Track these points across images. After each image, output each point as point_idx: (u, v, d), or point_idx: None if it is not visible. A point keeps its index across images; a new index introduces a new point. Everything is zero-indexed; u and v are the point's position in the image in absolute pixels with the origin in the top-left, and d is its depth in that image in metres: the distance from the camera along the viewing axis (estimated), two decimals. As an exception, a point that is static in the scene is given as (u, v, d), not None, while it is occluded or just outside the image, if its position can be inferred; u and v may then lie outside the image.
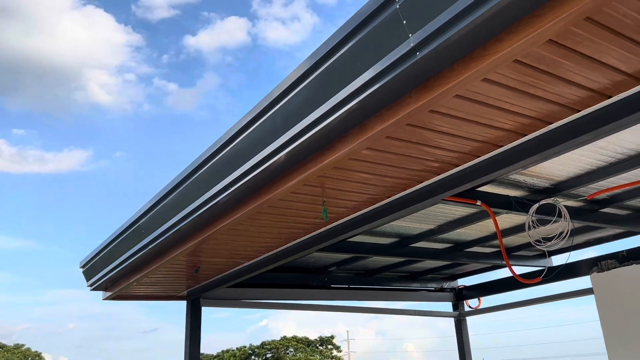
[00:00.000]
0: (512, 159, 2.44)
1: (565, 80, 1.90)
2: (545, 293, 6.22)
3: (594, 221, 4.24)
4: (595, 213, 4.24)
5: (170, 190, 3.28)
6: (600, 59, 1.79)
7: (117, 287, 4.66)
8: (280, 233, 3.60)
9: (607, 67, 1.84)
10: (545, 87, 1.94)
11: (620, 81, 1.94)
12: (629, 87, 1.98)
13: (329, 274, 5.92)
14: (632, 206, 4.39)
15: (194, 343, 4.95)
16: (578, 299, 6.06)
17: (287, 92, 2.34)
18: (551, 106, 2.09)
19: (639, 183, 3.45)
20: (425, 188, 2.87)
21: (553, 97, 2.01)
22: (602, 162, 3.42)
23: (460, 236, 5.07)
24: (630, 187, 3.75)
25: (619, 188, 3.59)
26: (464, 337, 6.78)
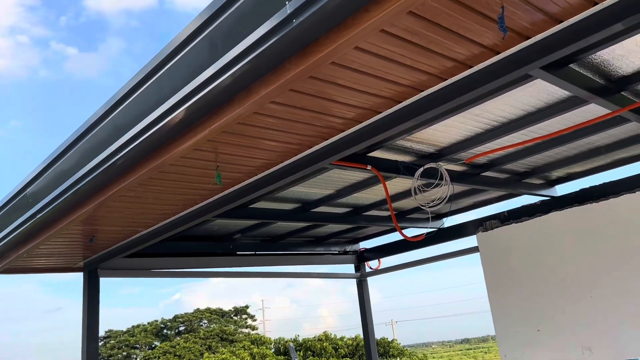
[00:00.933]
0: (390, 124, 2.61)
1: (430, 50, 2.07)
2: (438, 253, 6.71)
3: (476, 184, 4.62)
4: (477, 177, 4.62)
5: (58, 156, 3.16)
6: (458, 32, 1.97)
7: (5, 259, 4.43)
8: (176, 199, 3.60)
9: (465, 40, 2.03)
10: (413, 56, 2.10)
11: (478, 53, 2.14)
12: (487, 58, 2.19)
13: (234, 241, 5.99)
14: (510, 170, 4.82)
15: (92, 316, 4.84)
16: (470, 261, 6.61)
17: (173, 54, 2.34)
18: (421, 75, 2.27)
19: (510, 147, 3.81)
20: (316, 153, 3.00)
21: (421, 66, 2.19)
22: (479, 129, 3.73)
23: (358, 200, 5.32)
24: (504, 152, 4.12)
25: (493, 152, 3.94)
26: (365, 298, 7.17)
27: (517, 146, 3.81)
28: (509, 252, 5.31)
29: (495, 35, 2.04)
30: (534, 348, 5.02)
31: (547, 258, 5.00)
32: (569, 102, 3.34)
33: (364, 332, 7.10)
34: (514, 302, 5.21)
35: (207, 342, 38.61)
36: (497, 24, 1.87)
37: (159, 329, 44.90)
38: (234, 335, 40.53)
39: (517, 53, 2.13)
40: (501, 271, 5.37)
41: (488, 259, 5.53)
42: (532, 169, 4.93)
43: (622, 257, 4.46)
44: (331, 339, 22.19)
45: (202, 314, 44.80)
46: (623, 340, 4.41)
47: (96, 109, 2.81)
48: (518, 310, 5.16)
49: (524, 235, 5.21)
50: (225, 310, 46.47)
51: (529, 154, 4.29)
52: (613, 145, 4.45)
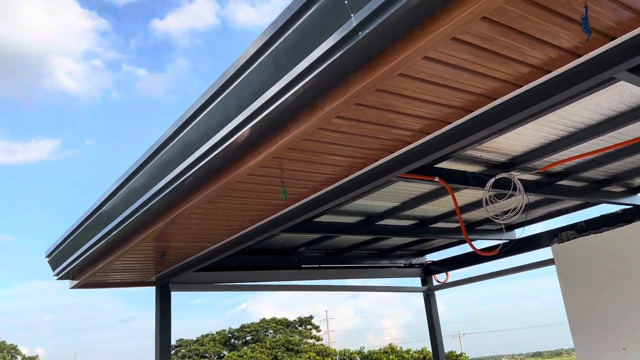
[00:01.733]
0: (461, 134, 2.50)
1: (504, 56, 1.95)
2: (510, 265, 6.41)
3: (551, 193, 4.37)
4: (552, 186, 4.37)
5: (130, 176, 3.27)
6: (535, 35, 1.85)
7: (84, 275, 4.63)
8: (243, 215, 3.63)
9: (542, 44, 1.90)
10: (486, 63, 1.99)
11: (556, 57, 2.00)
12: (566, 62, 2.05)
13: (298, 255, 5.99)
14: (587, 178, 4.54)
15: (165, 328, 4.97)
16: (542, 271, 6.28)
17: (238, 74, 2.35)
18: (494, 82, 2.15)
19: (589, 155, 3.57)
20: (382, 166, 2.92)
21: (495, 73, 2.07)
22: (554, 136, 3.52)
23: (425, 212, 5.18)
24: (582, 159, 3.87)
25: (570, 160, 3.71)
26: (432, 311, 6.96)
27: (597, 153, 3.57)
28: (589, 264, 4.99)
29: (575, 37, 1.90)
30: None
31: (632, 270, 4.65)
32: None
33: (432, 346, 6.89)
34: (596, 317, 4.88)
35: (274, 352, 39.02)
36: (579, 25, 1.73)
37: (227, 339, 45.86)
38: (299, 346, 40.72)
39: (601, 55, 1.98)
40: (580, 284, 5.05)
41: (565, 272, 5.22)
42: (612, 176, 4.62)
43: None
44: (397, 351, 21.79)
45: (268, 324, 45.36)
46: None
47: (164, 127, 2.89)
48: (600, 327, 4.82)
49: (605, 247, 4.88)
50: (290, 321, 46.84)
51: (609, 160, 4.01)
52: None
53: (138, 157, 3.16)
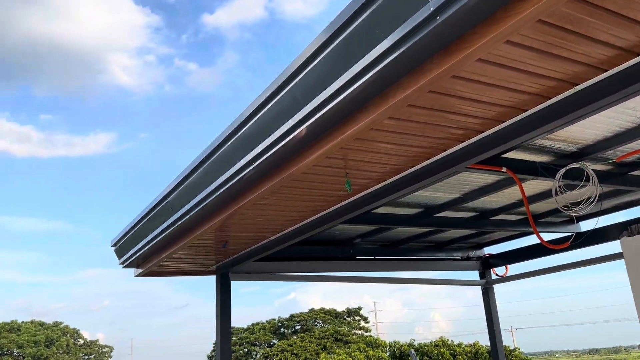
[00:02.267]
0: (538, 123, 2.39)
1: (592, 38, 1.84)
2: (574, 259, 6.16)
3: (623, 184, 4.15)
4: (625, 176, 4.15)
5: (195, 167, 3.32)
6: (627, 15, 1.73)
7: (148, 264, 4.78)
8: (305, 206, 3.62)
9: (635, 23, 1.78)
10: (571, 47, 1.89)
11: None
12: (659, 44, 1.91)
13: (354, 246, 5.96)
14: (663, 168, 4.28)
15: (225, 317, 5.06)
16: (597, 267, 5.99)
17: (306, 64, 2.32)
18: (577, 67, 2.04)
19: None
20: (449, 156, 2.84)
21: (579, 57, 1.96)
22: (631, 124, 3.33)
23: (486, 204, 5.03)
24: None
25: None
26: (491, 305, 6.79)
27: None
28: (663, 259, 4.71)
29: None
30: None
31: None
32: None
33: (491, 341, 6.72)
34: (670, 316, 4.61)
35: (322, 342, 39.33)
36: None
37: (277, 327, 46.60)
38: (348, 337, 40.86)
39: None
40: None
41: (635, 266, 4.95)
42: (692, 165, 4.33)
43: None
44: (448, 344, 21.48)
45: (317, 314, 45.74)
46: None
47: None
48: (676, 326, 4.56)
49: (681, 241, 4.60)
50: (338, 311, 47.06)
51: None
52: None
53: (202, 150, 3.21)
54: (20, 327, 36.38)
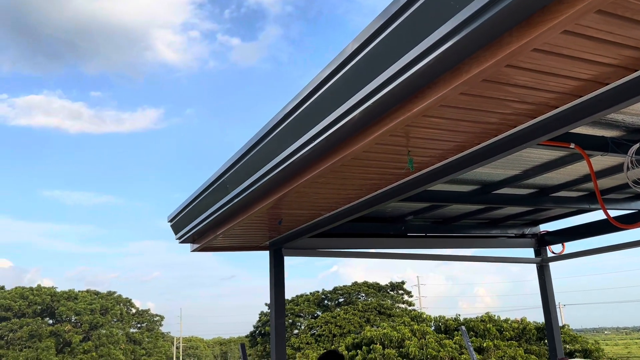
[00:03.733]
0: (618, 97, 2.24)
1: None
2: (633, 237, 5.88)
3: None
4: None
5: (253, 145, 3.30)
6: None
7: (204, 239, 4.86)
8: (362, 184, 3.57)
9: None
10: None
11: None
12: None
13: (405, 223, 5.89)
14: None
15: (279, 291, 5.13)
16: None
17: (372, 38, 2.23)
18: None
19: None
20: (519, 133, 2.71)
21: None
22: None
23: (546, 181, 4.85)
24: None
25: None
26: (547, 283, 6.61)
27: None
28: None
29: None
30: None
31: None
32: None
33: (546, 319, 6.57)
34: None
35: (366, 314, 39.69)
36: None
37: (320, 300, 47.26)
38: (391, 310, 41.07)
39: None
40: None
41: None
42: None
43: None
44: (495, 320, 21.24)
45: (360, 288, 46.05)
46: None
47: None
48: None
49: None
50: (381, 285, 47.25)
51: None
52: None
53: (261, 127, 3.18)
54: (77, 296, 38.26)
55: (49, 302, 36.68)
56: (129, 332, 40.38)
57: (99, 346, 35.51)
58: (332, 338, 35.93)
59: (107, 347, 35.33)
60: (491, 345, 18.11)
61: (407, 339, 18.72)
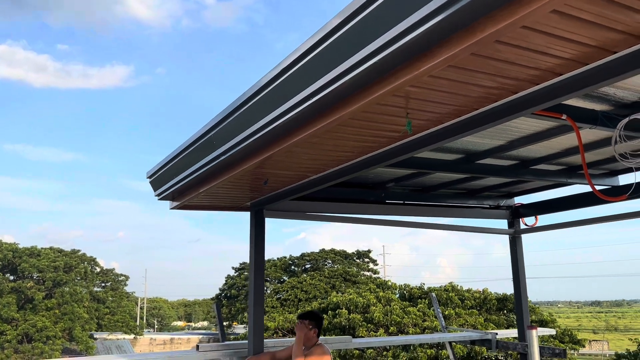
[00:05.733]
0: (623, 68, 2.24)
1: None
2: (607, 212, 6.07)
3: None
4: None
5: (246, 100, 3.20)
6: None
7: (185, 197, 4.77)
8: (355, 147, 3.53)
9: None
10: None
11: None
12: None
13: (386, 190, 5.91)
14: None
15: (259, 252, 5.11)
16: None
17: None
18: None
19: None
20: (518, 100, 2.70)
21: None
22: None
23: (528, 153, 4.91)
24: None
25: None
26: (518, 255, 6.79)
27: None
28: None
29: None
30: None
31: None
32: None
33: (515, 290, 6.78)
34: None
35: (332, 281, 40.35)
36: None
37: (287, 265, 47.77)
38: (357, 277, 41.84)
39: None
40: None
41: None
42: None
43: None
44: (457, 290, 21.88)
45: (327, 255, 46.68)
46: None
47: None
48: None
49: None
50: (348, 253, 47.98)
51: None
52: None
53: (255, 82, 3.08)
54: (40, 253, 37.53)
55: (10, 258, 35.92)
56: (92, 291, 40.03)
57: (62, 304, 35.14)
58: (298, 303, 36.42)
59: (70, 305, 34.99)
60: (453, 313, 18.64)
61: (373, 305, 19.08)
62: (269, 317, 22.16)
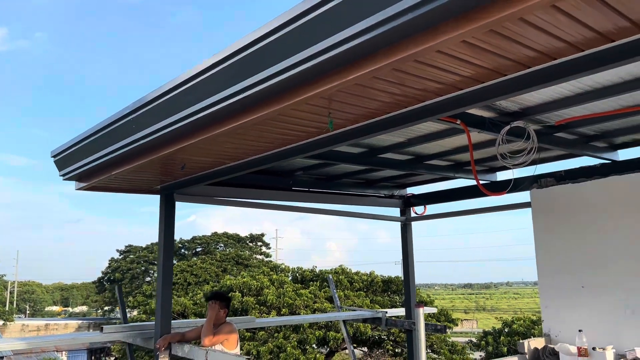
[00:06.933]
0: (514, 87, 2.70)
1: (580, 22, 2.14)
2: (485, 204, 6.89)
3: (548, 143, 4.68)
4: (550, 137, 4.69)
5: (174, 87, 3.28)
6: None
7: (93, 179, 4.69)
8: (277, 139, 3.76)
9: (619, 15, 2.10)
10: (569, 29, 2.17)
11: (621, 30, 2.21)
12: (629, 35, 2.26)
13: (293, 178, 6.21)
14: (581, 132, 4.88)
15: (169, 233, 5.17)
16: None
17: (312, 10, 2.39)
18: (559, 42, 2.33)
19: (605, 114, 3.86)
20: (423, 107, 3.10)
21: (566, 35, 2.26)
22: (570, 92, 3.77)
23: (423, 150, 5.45)
24: (596, 117, 4.13)
25: (584, 117, 4.00)
26: (408, 240, 7.45)
27: (613, 113, 3.86)
28: (563, 210, 5.44)
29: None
30: (577, 303, 5.24)
31: (600, 219, 5.11)
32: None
33: (404, 273, 7.44)
34: (562, 259, 5.38)
35: (223, 264, 40.13)
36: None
37: (177, 248, 46.60)
38: (249, 261, 41.99)
39: None
40: (552, 228, 5.52)
41: (540, 216, 5.67)
42: (602, 133, 4.97)
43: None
44: (347, 272, 22.93)
45: (219, 238, 46.29)
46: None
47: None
48: (565, 267, 5.35)
49: (579, 196, 5.31)
50: (241, 236, 47.93)
51: (608, 119, 4.33)
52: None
53: (185, 72, 3.19)
54: None
55: None
56: (-45, 274, 36.28)
57: None
58: (187, 286, 35.83)
59: None
60: (342, 295, 19.58)
61: (266, 287, 19.45)
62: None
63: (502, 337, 18.25)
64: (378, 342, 19.04)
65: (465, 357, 18.69)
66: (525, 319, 19.27)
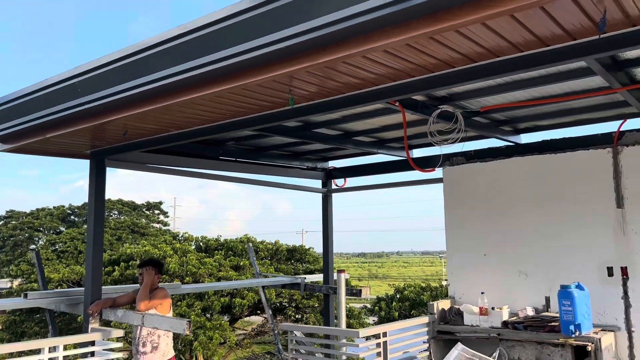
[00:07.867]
0: (460, 77, 3.06)
1: (530, 31, 2.51)
2: (402, 179, 7.41)
3: (467, 126, 5.18)
4: (468, 120, 5.19)
5: (132, 53, 3.25)
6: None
7: (21, 141, 4.46)
8: (229, 110, 3.83)
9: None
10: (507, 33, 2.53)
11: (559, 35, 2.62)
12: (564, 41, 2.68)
13: (224, 147, 6.27)
14: (494, 118, 5.46)
15: (99, 200, 5.06)
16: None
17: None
18: (502, 41, 2.70)
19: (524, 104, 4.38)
20: (375, 91, 3.38)
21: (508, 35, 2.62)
22: (493, 82, 4.23)
23: (353, 127, 5.77)
24: (517, 106, 4.66)
25: (504, 106, 4.51)
26: (328, 211, 7.82)
27: (531, 104, 4.39)
28: (470, 186, 6.05)
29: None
30: (479, 269, 5.92)
31: (502, 194, 5.78)
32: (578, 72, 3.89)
33: (324, 242, 7.82)
34: (468, 230, 6.02)
35: (118, 232, 38.52)
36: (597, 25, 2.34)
37: (66, 215, 43.88)
38: (146, 229, 40.67)
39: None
40: (460, 202, 6.12)
41: (450, 190, 6.25)
42: (510, 118, 5.59)
43: (566, 204, 5.32)
44: (252, 241, 23.18)
45: (114, 205, 44.14)
46: (554, 270, 5.37)
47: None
48: (470, 237, 5.98)
49: (485, 173, 5.94)
50: (137, 204, 46.11)
51: (520, 107, 4.90)
52: (585, 108, 5.15)
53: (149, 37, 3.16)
54: None
55: None
56: None
57: None
58: (78, 255, 34.06)
59: None
60: (247, 263, 19.84)
61: (169, 256, 19.15)
62: (51, 269, 20.62)
63: (395, 303, 19.53)
64: (280, 308, 19.61)
65: (362, 322, 19.81)
66: (416, 286, 20.75)
